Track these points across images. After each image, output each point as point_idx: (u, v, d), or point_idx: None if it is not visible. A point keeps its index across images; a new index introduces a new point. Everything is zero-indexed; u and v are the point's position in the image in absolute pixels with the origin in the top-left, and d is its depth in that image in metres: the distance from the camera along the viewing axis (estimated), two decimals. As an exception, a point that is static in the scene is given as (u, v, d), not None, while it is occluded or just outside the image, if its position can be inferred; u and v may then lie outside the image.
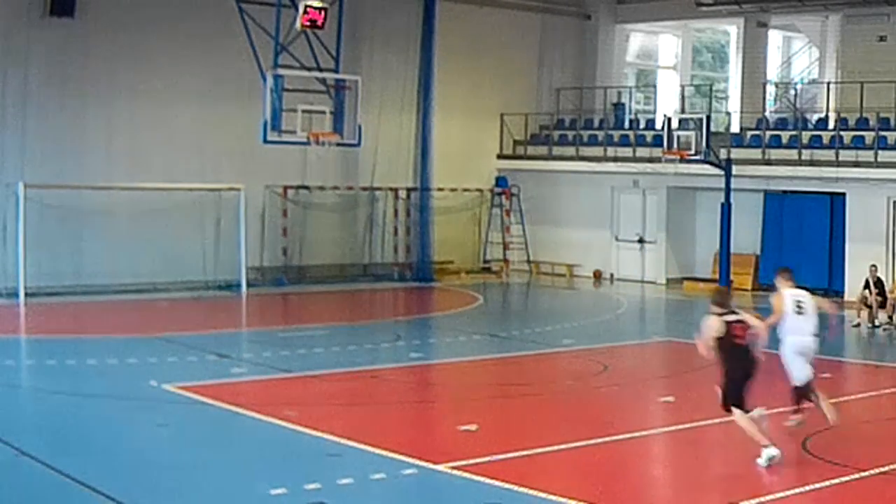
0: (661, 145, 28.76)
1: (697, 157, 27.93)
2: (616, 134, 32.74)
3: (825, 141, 28.14)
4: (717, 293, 13.06)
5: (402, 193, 31.96)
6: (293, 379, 17.36)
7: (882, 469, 11.75)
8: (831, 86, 30.59)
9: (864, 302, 23.37)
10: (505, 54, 33.86)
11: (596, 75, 35.52)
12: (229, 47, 26.76)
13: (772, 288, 30.13)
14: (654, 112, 36.18)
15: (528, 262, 33.84)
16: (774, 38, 36.25)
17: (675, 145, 28.17)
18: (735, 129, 31.79)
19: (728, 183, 28.54)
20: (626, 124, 33.74)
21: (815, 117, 30.62)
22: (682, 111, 31.33)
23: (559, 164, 33.02)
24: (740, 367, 12.23)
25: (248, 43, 25.16)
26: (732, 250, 29.03)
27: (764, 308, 15.28)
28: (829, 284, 28.28)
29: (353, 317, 23.88)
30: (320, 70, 26.03)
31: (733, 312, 12.43)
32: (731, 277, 29.26)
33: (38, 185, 25.05)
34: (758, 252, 30.10)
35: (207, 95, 28.28)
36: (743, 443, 13.41)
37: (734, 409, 12.16)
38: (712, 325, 12.31)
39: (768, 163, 28.82)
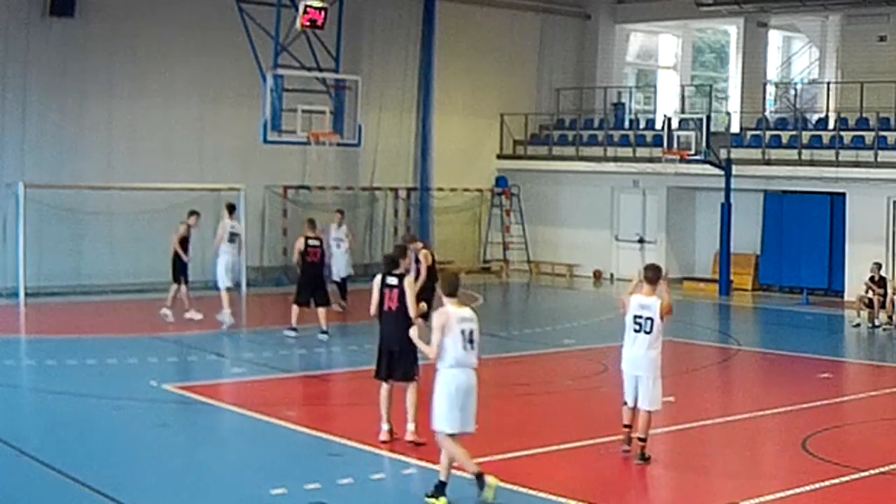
0: (661, 145, 28.77)
1: (697, 157, 27.93)
2: (616, 134, 32.74)
3: (825, 141, 28.14)
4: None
5: (402, 193, 31.97)
6: (293, 379, 17.36)
7: (882, 469, 11.76)
8: (831, 86, 30.61)
9: (863, 301, 23.36)
10: (505, 54, 33.87)
11: (596, 75, 35.53)
12: (229, 47, 26.78)
13: (772, 288, 30.29)
14: (654, 112, 36.18)
15: (528, 262, 33.84)
16: (774, 38, 36.26)
17: (675, 145, 28.17)
18: (735, 129, 31.78)
19: (728, 183, 28.55)
20: (626, 124, 33.74)
21: (815, 117, 30.62)
22: (682, 111, 31.35)
23: (559, 164, 33.02)
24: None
25: (248, 43, 25.16)
26: (732, 250, 29.04)
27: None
28: (828, 284, 28.32)
29: (353, 317, 23.83)
30: (320, 70, 26.03)
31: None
32: (732, 277, 29.29)
33: (38, 185, 25.05)
34: (758, 252, 30.10)
35: (207, 95, 28.29)
36: (743, 443, 13.43)
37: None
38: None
39: (768, 163, 28.82)
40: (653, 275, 12.02)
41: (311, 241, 20.57)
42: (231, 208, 21.91)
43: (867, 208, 27.08)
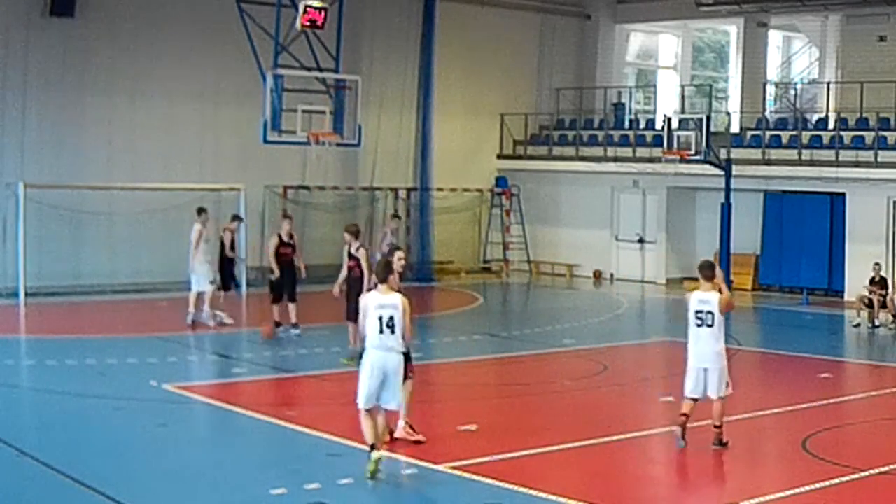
0: (661, 145, 28.74)
1: (697, 157, 27.91)
2: (616, 134, 32.74)
3: (825, 141, 28.14)
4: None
5: (402, 193, 31.97)
6: (293, 379, 17.37)
7: (882, 469, 11.75)
8: (831, 86, 30.60)
9: (863, 301, 23.36)
10: (505, 54, 33.87)
11: (596, 75, 35.52)
12: (229, 47, 26.78)
13: (772, 288, 30.26)
14: (654, 112, 36.17)
15: (528, 262, 33.84)
16: (774, 38, 36.26)
17: (675, 145, 28.15)
18: (735, 129, 31.80)
19: (728, 183, 28.54)
20: (626, 124, 33.74)
21: (815, 117, 30.62)
22: (682, 111, 31.33)
23: (559, 164, 33.03)
24: None
25: (248, 43, 25.14)
26: (732, 250, 29.02)
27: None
28: (829, 284, 28.33)
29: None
30: (320, 70, 26.02)
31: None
32: (732, 277, 29.28)
33: (38, 185, 25.05)
34: (758, 252, 30.11)
35: (207, 95, 28.30)
36: (743, 442, 13.43)
37: None
38: None
39: (768, 163, 28.82)
40: (709, 272, 12.69)
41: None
42: (197, 212, 22.07)
43: (867, 208, 27.09)
